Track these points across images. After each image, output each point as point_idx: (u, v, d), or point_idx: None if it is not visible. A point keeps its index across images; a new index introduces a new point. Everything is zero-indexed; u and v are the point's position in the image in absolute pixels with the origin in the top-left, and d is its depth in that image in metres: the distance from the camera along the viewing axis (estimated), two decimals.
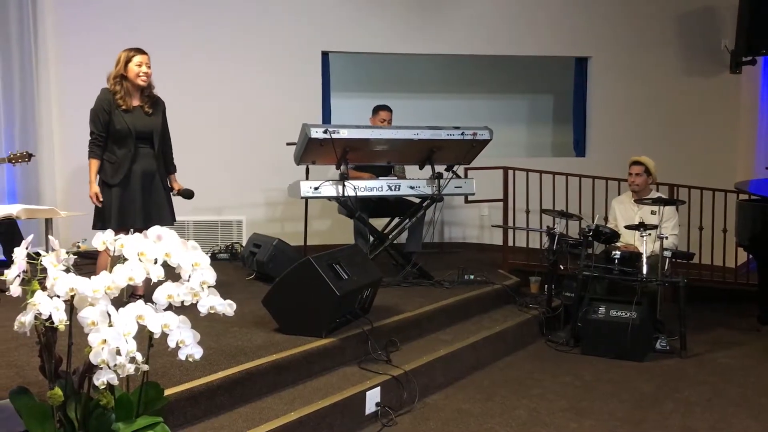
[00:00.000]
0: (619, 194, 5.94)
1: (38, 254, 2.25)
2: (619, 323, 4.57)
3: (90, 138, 4.15)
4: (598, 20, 7.28)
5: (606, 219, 5.78)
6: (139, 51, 4.16)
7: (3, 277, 2.27)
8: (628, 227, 5.07)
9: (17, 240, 4.66)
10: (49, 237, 2.36)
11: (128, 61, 4.12)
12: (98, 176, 4.16)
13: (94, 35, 6.00)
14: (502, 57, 7.44)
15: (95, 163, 4.13)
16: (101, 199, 4.08)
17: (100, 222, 4.12)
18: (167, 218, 4.25)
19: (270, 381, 3.26)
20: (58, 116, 6.22)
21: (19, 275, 2.24)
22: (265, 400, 3.16)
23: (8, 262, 2.33)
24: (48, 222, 2.63)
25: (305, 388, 3.35)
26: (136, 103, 4.19)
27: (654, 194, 5.37)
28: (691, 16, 7.35)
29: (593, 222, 5.02)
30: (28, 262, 2.25)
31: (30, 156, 4.91)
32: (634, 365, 4.44)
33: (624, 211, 5.48)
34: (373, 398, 3.39)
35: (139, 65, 4.12)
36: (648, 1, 7.33)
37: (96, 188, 4.10)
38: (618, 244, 5.10)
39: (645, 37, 7.34)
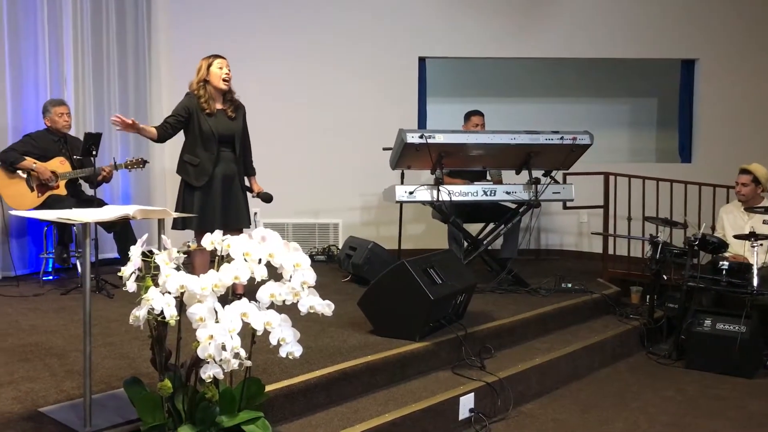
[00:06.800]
0: (727, 202, 5.67)
1: (152, 253, 2.38)
2: (726, 337, 4.36)
3: (163, 121, 4.31)
4: (705, 21, 6.98)
5: (713, 228, 5.52)
6: (218, 56, 4.32)
7: (119, 274, 2.41)
8: (737, 237, 4.83)
9: (131, 239, 4.96)
10: (162, 236, 2.49)
11: (209, 65, 4.28)
12: (182, 179, 4.31)
13: (203, 46, 6.26)
14: (603, 60, 7.26)
15: (155, 130, 4.23)
16: (127, 122, 4.04)
17: (181, 223, 4.26)
18: (245, 221, 4.37)
19: (365, 382, 3.31)
20: None
21: (134, 272, 2.37)
22: (359, 400, 3.22)
23: (122, 260, 2.48)
24: (160, 222, 2.77)
25: (399, 390, 3.38)
26: (219, 106, 4.33)
27: (766, 203, 5.10)
28: None
29: (699, 231, 4.81)
30: (142, 260, 2.37)
31: (144, 162, 5.20)
32: (742, 382, 4.23)
33: (733, 221, 5.23)
34: (466, 404, 3.39)
35: (220, 68, 4.28)
36: (759, 0, 6.96)
37: (132, 121, 4.08)
38: (726, 254, 4.87)
39: (756, 37, 6.99)
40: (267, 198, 4.56)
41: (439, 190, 4.84)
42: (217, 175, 4.29)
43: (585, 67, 7.50)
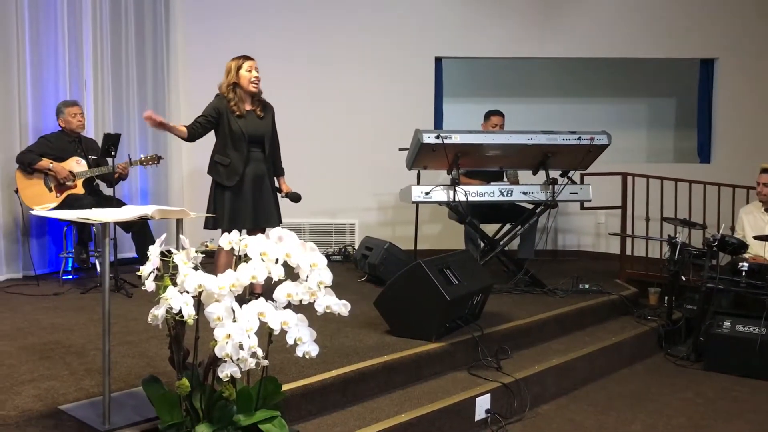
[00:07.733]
0: (747, 203, 5.61)
1: (170, 252, 2.40)
2: (746, 339, 4.32)
3: (195, 119, 4.33)
4: (724, 20, 6.92)
5: (732, 229, 5.47)
6: (247, 57, 4.33)
7: (138, 273, 2.43)
8: (757, 238, 4.79)
9: (149, 239, 5.00)
10: (181, 236, 2.51)
11: (239, 68, 4.30)
12: (213, 180, 4.33)
13: (221, 46, 6.32)
14: (621, 60, 7.21)
15: (185, 129, 4.27)
16: (157, 120, 4.08)
17: (212, 223, 4.30)
18: (274, 220, 4.39)
19: (381, 382, 3.31)
20: (186, 121, 6.59)
21: (153, 271, 2.39)
22: (375, 400, 3.22)
23: (140, 260, 2.49)
24: (179, 222, 2.79)
25: (415, 390, 3.38)
26: (248, 107, 4.36)
27: None
28: None
29: (718, 232, 4.77)
30: (161, 260, 2.39)
31: (159, 159, 5.23)
32: (762, 384, 4.18)
33: (753, 221, 5.18)
34: (482, 405, 3.38)
35: (249, 71, 4.30)
36: None
37: (162, 119, 4.14)
38: (746, 255, 4.83)
39: None
40: (295, 198, 4.59)
41: (455, 191, 4.83)
42: (248, 175, 4.32)
43: (603, 66, 7.46)
